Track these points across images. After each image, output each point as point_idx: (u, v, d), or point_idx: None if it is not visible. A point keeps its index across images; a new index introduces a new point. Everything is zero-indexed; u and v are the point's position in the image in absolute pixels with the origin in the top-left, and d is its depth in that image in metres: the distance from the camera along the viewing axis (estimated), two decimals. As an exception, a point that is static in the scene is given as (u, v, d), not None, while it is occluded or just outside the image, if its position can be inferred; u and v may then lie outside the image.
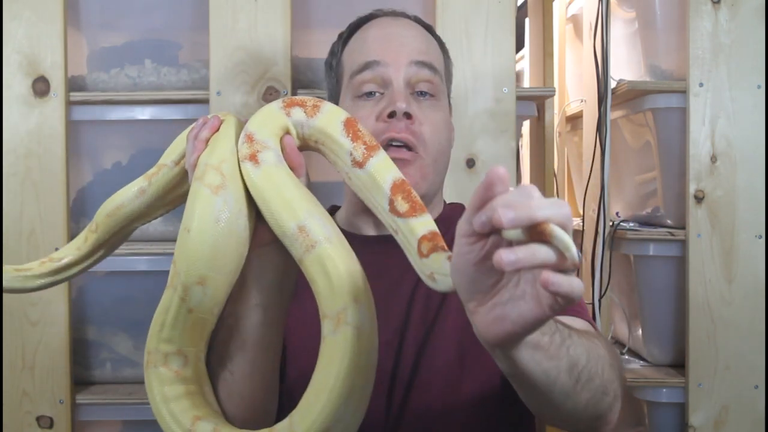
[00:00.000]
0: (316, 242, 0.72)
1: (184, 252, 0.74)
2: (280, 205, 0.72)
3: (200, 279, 0.74)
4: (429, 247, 0.69)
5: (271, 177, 0.74)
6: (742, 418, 1.54)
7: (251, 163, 0.74)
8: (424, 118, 0.99)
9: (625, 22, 1.79)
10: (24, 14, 1.52)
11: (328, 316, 0.71)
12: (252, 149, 0.75)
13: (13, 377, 1.53)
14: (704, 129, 1.55)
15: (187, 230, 0.74)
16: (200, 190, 0.75)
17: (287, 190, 0.73)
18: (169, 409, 0.77)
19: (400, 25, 1.05)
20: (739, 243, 1.54)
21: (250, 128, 0.76)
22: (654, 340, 1.68)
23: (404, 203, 0.71)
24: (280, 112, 0.78)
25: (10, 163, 1.52)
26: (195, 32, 1.60)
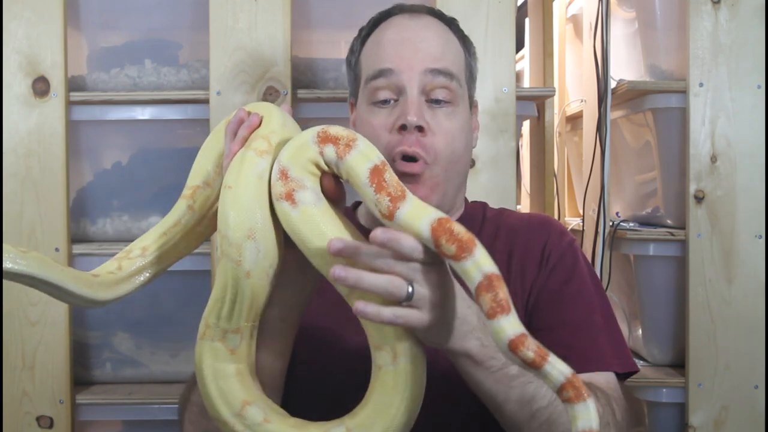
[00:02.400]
0: None
1: (228, 208, 0.72)
2: (322, 246, 0.71)
3: (249, 232, 0.72)
4: (487, 307, 0.66)
5: (310, 218, 0.72)
6: (742, 418, 1.54)
7: (288, 203, 0.72)
8: (437, 128, 0.97)
9: (625, 22, 1.79)
10: (24, 14, 1.52)
11: (383, 348, 0.72)
12: (287, 188, 0.72)
13: (13, 377, 1.53)
14: (704, 129, 1.55)
15: (228, 187, 0.73)
16: (246, 153, 0.75)
17: (328, 230, 0.72)
18: (218, 387, 0.75)
19: (417, 26, 1.02)
20: (739, 243, 1.54)
21: (284, 162, 0.73)
22: (654, 340, 1.68)
23: (450, 245, 0.67)
24: (313, 147, 0.74)
25: (10, 163, 1.52)
26: (195, 32, 1.60)
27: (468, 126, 1.03)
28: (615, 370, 0.95)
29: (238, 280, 0.73)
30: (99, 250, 1.55)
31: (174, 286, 1.61)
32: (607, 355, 0.95)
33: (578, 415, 0.65)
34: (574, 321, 0.95)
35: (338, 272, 0.68)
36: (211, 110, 1.51)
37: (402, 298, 0.68)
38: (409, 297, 0.68)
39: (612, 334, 0.98)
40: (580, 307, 0.97)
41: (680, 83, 1.57)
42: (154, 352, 1.62)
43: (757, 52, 1.54)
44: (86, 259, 1.56)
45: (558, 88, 2.12)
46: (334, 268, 0.68)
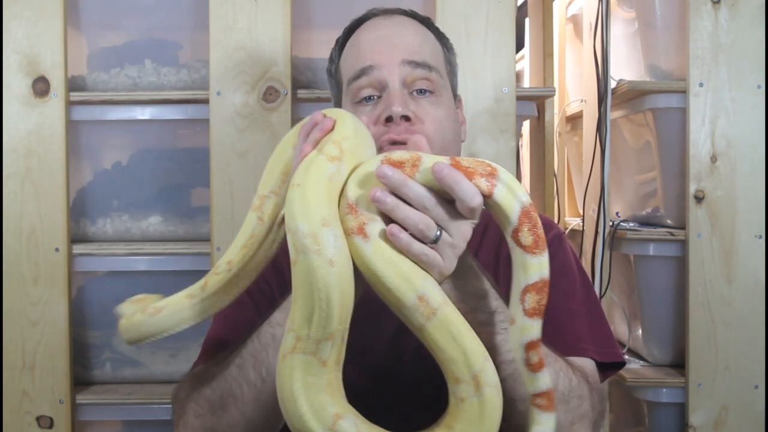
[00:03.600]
0: (437, 308, 0.70)
1: (297, 202, 0.70)
2: (398, 279, 0.70)
3: (323, 220, 0.70)
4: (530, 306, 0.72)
5: (383, 251, 0.71)
6: (742, 418, 1.54)
7: (360, 237, 0.71)
8: (424, 116, 0.98)
9: (625, 22, 1.79)
10: (24, 14, 1.52)
11: (463, 380, 0.71)
12: (358, 222, 0.71)
13: (13, 377, 1.53)
14: (704, 129, 1.55)
15: (297, 185, 0.71)
16: (317, 156, 0.74)
17: (401, 262, 0.71)
18: (310, 402, 0.71)
19: (392, 24, 1.04)
20: (739, 243, 1.54)
21: (352, 196, 0.72)
22: (654, 340, 1.68)
23: (529, 235, 0.71)
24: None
25: (10, 163, 1.52)
26: (195, 32, 1.60)
27: (454, 116, 1.04)
28: (592, 357, 0.95)
29: (323, 272, 0.68)
30: (99, 250, 1.55)
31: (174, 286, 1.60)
32: (584, 341, 0.96)
33: (543, 421, 0.73)
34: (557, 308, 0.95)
35: (378, 194, 0.69)
36: (211, 110, 1.51)
37: (429, 238, 0.70)
38: (436, 240, 0.70)
39: (594, 324, 0.99)
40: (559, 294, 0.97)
41: (680, 83, 1.57)
42: (154, 352, 1.63)
43: (757, 52, 1.54)
44: (86, 259, 1.56)
45: (558, 88, 2.12)
46: (375, 189, 0.70)
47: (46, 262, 1.52)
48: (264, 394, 0.84)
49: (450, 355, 0.71)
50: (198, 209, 1.63)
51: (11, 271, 1.52)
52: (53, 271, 1.52)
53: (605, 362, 0.97)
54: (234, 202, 1.51)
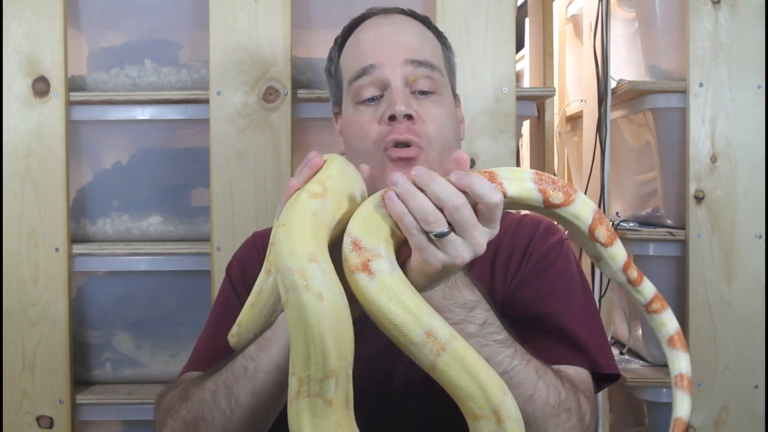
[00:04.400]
0: (446, 343, 0.69)
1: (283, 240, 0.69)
2: (403, 316, 0.69)
3: (310, 256, 0.68)
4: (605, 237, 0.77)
5: (388, 288, 0.70)
6: (742, 418, 1.54)
7: (364, 275, 0.70)
8: (426, 116, 0.97)
9: (625, 22, 1.79)
10: (24, 14, 1.52)
11: (483, 416, 0.69)
12: (362, 258, 0.70)
13: (13, 377, 1.53)
14: (704, 129, 1.55)
15: (282, 225, 0.71)
16: (300, 194, 0.74)
17: (407, 298, 0.70)
18: None
19: (392, 22, 1.03)
20: (739, 243, 1.54)
21: (355, 233, 0.71)
22: (654, 340, 1.68)
23: (557, 192, 0.74)
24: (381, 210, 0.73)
25: (10, 163, 1.52)
26: (195, 32, 1.60)
27: (454, 115, 1.04)
28: (585, 367, 0.94)
29: (313, 307, 0.67)
30: (99, 250, 1.56)
31: (174, 287, 1.61)
32: (581, 350, 0.95)
33: (665, 321, 0.88)
34: (550, 314, 0.95)
35: (398, 178, 0.70)
36: (211, 110, 1.51)
37: (434, 231, 0.69)
38: (442, 235, 0.69)
39: (591, 334, 0.97)
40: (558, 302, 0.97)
41: (680, 83, 1.57)
42: (154, 352, 1.62)
43: (757, 52, 1.54)
44: (86, 259, 1.56)
45: (558, 88, 2.12)
46: (394, 174, 0.70)
47: (46, 262, 1.52)
48: (232, 423, 0.83)
49: (466, 391, 0.69)
50: (198, 209, 1.63)
51: (11, 271, 1.52)
52: (53, 271, 1.52)
53: (600, 373, 0.95)
54: (234, 202, 1.51)
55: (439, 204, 0.69)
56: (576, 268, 1.03)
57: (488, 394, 0.69)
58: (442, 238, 0.70)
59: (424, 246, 0.70)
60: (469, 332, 0.77)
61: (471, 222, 0.70)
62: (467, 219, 0.69)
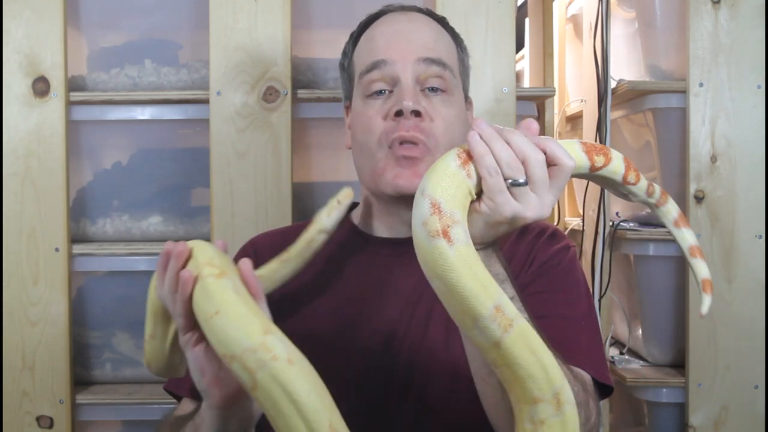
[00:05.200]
0: (513, 320, 0.66)
1: (227, 327, 0.68)
2: (477, 287, 0.66)
3: (264, 329, 0.68)
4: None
5: (466, 258, 0.67)
6: (742, 418, 1.54)
7: (444, 241, 0.66)
8: (435, 114, 0.97)
9: (625, 22, 1.79)
10: (24, 14, 1.52)
11: (544, 399, 0.67)
12: (443, 223, 0.66)
13: (13, 377, 1.53)
14: (704, 129, 1.55)
15: (215, 313, 0.69)
16: (205, 281, 0.71)
17: (480, 271, 0.67)
18: None
19: (408, 20, 1.03)
20: (739, 243, 1.54)
21: (436, 195, 0.67)
22: (654, 340, 1.68)
23: (599, 157, 0.78)
24: (461, 172, 0.69)
25: (10, 163, 1.52)
26: (195, 32, 1.60)
27: (464, 117, 1.03)
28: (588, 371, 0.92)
29: (289, 374, 0.65)
30: (99, 250, 1.56)
31: (174, 286, 1.61)
32: (584, 355, 0.94)
33: (686, 236, 0.90)
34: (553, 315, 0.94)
35: (481, 122, 0.70)
36: (211, 110, 1.51)
37: (513, 177, 0.68)
38: (519, 184, 0.68)
39: (590, 341, 0.97)
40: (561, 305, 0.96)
41: (680, 83, 1.57)
42: (154, 352, 1.62)
43: (757, 52, 1.54)
44: (86, 259, 1.56)
45: (558, 88, 2.12)
46: (478, 119, 0.70)
47: (46, 262, 1.52)
48: None
49: (529, 371, 0.66)
50: (198, 209, 1.63)
51: (11, 271, 1.52)
52: (53, 271, 1.53)
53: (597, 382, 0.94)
54: (234, 202, 1.51)
55: (520, 155, 0.69)
56: (581, 275, 1.02)
57: (551, 377, 0.67)
58: (518, 188, 0.69)
59: (501, 189, 0.68)
60: None
61: (546, 180, 0.69)
62: (544, 176, 0.69)
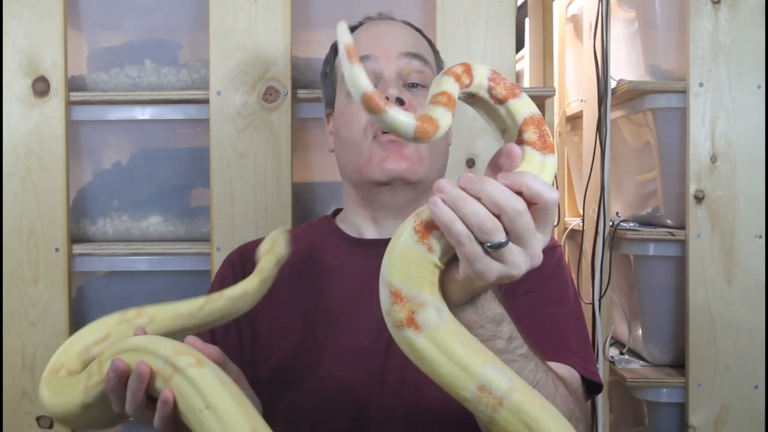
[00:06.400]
0: (503, 397, 0.64)
1: (219, 427, 0.69)
2: (454, 370, 0.64)
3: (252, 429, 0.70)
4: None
5: (438, 343, 0.64)
6: (742, 418, 1.54)
7: (411, 330, 0.64)
8: (417, 106, 1.00)
9: (625, 22, 1.79)
10: (24, 14, 1.52)
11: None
12: (407, 311, 0.64)
13: (13, 377, 1.53)
14: (704, 129, 1.55)
15: (205, 407, 0.69)
16: (189, 372, 0.71)
17: (459, 351, 0.64)
18: None
19: (388, 23, 1.09)
20: (739, 243, 1.54)
21: (394, 282, 0.64)
22: (654, 340, 1.68)
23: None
24: (419, 249, 0.64)
25: (10, 163, 1.52)
26: (195, 32, 1.60)
27: None
28: (576, 369, 0.93)
29: None
30: (99, 250, 1.55)
31: (174, 286, 1.61)
32: (573, 353, 0.94)
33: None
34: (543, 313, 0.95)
35: (444, 184, 0.62)
36: (211, 110, 1.51)
37: (490, 240, 0.61)
38: (500, 246, 0.61)
39: (580, 339, 0.97)
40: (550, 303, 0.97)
41: (680, 83, 1.57)
42: (154, 352, 1.62)
43: (757, 52, 1.54)
44: (86, 259, 1.56)
45: (558, 88, 2.12)
46: (440, 181, 0.62)
47: (46, 262, 1.52)
48: None
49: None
50: (198, 209, 1.62)
51: (11, 271, 1.52)
52: (53, 271, 1.52)
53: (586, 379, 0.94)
54: (234, 202, 1.51)
55: (496, 210, 0.61)
56: (568, 275, 1.03)
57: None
58: (500, 249, 0.62)
59: (478, 257, 0.62)
60: (498, 348, 0.72)
61: (531, 228, 0.62)
62: (527, 225, 0.61)
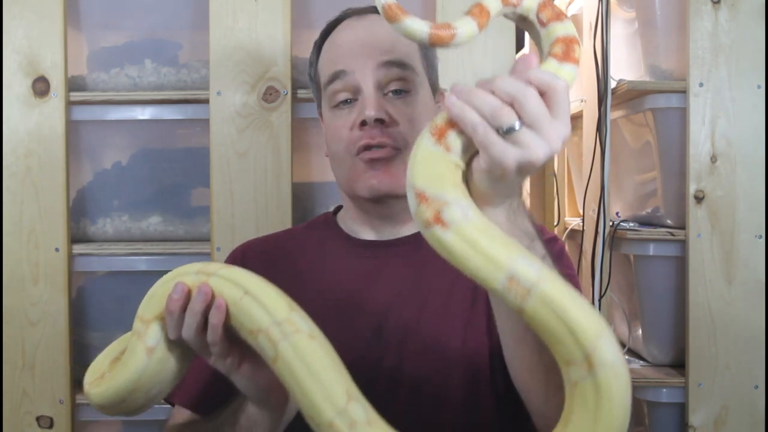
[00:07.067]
0: (531, 287, 0.64)
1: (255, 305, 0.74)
2: (482, 262, 0.65)
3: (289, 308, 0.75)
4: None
5: (465, 237, 0.65)
6: (742, 418, 1.54)
7: (438, 227, 0.65)
8: (400, 117, 0.99)
9: (625, 22, 1.79)
10: (24, 14, 1.52)
11: (575, 361, 0.64)
12: (433, 210, 0.65)
13: (13, 377, 1.53)
14: (704, 129, 1.55)
15: (244, 294, 0.75)
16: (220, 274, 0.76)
17: (486, 244, 0.65)
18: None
19: (365, 25, 1.05)
20: (739, 243, 1.54)
21: (418, 184, 0.66)
22: (654, 340, 1.68)
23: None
24: (437, 149, 0.67)
25: (10, 163, 1.52)
26: (195, 32, 1.60)
27: (432, 112, 1.04)
28: None
29: (309, 345, 0.72)
30: (99, 250, 1.55)
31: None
32: None
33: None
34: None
35: (457, 85, 0.65)
36: (211, 110, 1.51)
37: (504, 125, 0.63)
38: (511, 130, 0.63)
39: None
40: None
41: (680, 83, 1.57)
42: (154, 352, 1.62)
43: (757, 52, 1.54)
44: (86, 259, 1.56)
45: (558, 88, 2.12)
46: (454, 84, 0.65)
47: (46, 262, 1.52)
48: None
49: (556, 336, 0.64)
50: (198, 209, 1.63)
51: (11, 271, 1.52)
52: (53, 271, 1.52)
53: None
54: (234, 202, 1.51)
55: (507, 99, 0.63)
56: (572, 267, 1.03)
57: (579, 338, 0.63)
58: (514, 133, 0.63)
59: (493, 141, 0.63)
60: None
61: (545, 114, 0.63)
62: (541, 110, 0.63)
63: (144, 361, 0.80)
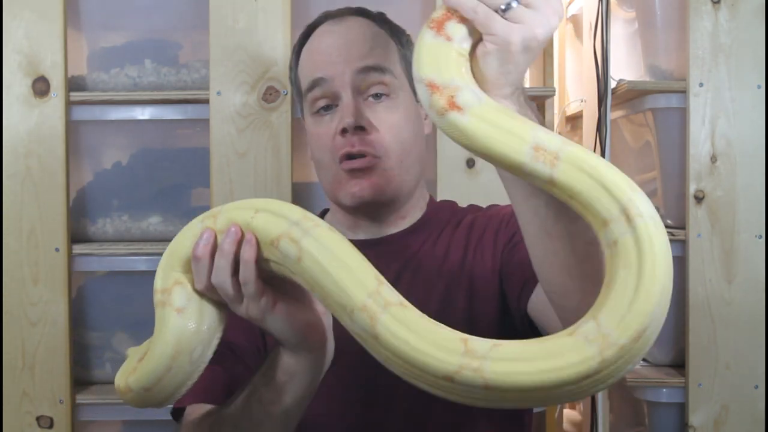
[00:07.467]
0: (557, 152, 0.63)
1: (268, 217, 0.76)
2: (505, 140, 0.64)
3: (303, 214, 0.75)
4: None
5: (483, 117, 0.65)
6: (742, 418, 1.54)
7: (455, 113, 0.65)
8: (380, 124, 0.99)
9: (625, 22, 1.79)
10: (24, 14, 1.52)
11: (612, 218, 0.63)
12: (446, 96, 0.65)
13: (13, 377, 1.53)
14: (704, 129, 1.55)
15: (256, 212, 0.76)
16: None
17: (503, 121, 0.65)
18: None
19: (342, 30, 1.04)
20: (739, 243, 1.54)
21: (425, 74, 0.66)
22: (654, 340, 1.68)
23: None
24: (438, 40, 0.67)
25: (10, 163, 1.52)
26: (195, 32, 1.60)
27: (413, 114, 1.04)
28: None
29: (328, 237, 0.71)
30: (99, 250, 1.55)
31: (174, 286, 1.61)
32: None
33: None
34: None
35: None
36: (211, 110, 1.51)
37: (502, 3, 0.64)
38: (509, 6, 0.64)
39: None
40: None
41: (680, 83, 1.57)
42: (154, 352, 1.62)
43: (757, 52, 1.54)
44: (86, 259, 1.56)
45: (558, 88, 2.12)
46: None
47: (46, 262, 1.52)
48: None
49: (591, 195, 0.63)
50: (198, 209, 1.62)
51: (11, 271, 1.52)
52: (53, 271, 1.52)
53: None
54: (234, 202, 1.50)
55: None
56: None
57: (615, 194, 0.63)
58: (511, 10, 0.64)
59: (493, 18, 0.64)
60: None
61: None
62: None
63: (179, 322, 0.77)
